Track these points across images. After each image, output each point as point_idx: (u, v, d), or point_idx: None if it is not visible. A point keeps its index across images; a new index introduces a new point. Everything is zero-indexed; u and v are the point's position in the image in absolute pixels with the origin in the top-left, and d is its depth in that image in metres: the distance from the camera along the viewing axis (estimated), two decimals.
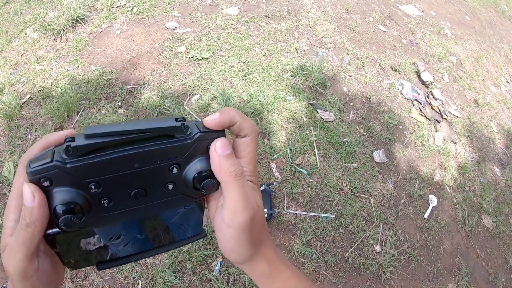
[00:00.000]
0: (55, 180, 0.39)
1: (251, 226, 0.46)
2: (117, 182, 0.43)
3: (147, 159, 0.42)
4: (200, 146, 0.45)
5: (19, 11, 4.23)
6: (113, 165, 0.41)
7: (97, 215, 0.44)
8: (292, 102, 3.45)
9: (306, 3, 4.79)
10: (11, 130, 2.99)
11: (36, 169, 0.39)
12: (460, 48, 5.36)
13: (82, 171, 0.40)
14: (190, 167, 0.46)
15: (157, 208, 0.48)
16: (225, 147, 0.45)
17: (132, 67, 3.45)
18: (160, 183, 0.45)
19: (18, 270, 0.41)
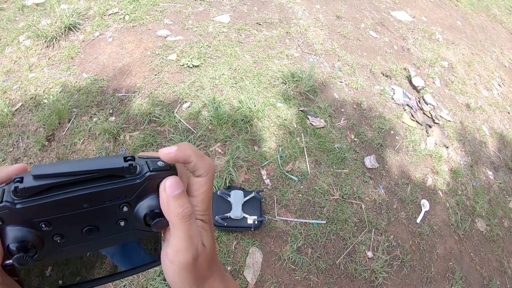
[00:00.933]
0: (6, 220, 0.39)
1: (194, 266, 0.46)
2: (68, 221, 0.42)
3: (96, 199, 0.42)
4: (150, 185, 0.45)
5: (12, 18, 4.24)
6: (62, 205, 0.41)
7: (51, 250, 0.44)
8: (283, 109, 3.46)
9: (297, 10, 4.82)
10: (3, 137, 2.99)
11: None
12: (452, 52, 5.39)
13: (31, 211, 0.40)
14: (141, 205, 0.45)
15: (111, 241, 0.48)
16: (174, 187, 0.44)
17: (123, 74, 3.46)
18: (111, 220, 0.45)
19: None
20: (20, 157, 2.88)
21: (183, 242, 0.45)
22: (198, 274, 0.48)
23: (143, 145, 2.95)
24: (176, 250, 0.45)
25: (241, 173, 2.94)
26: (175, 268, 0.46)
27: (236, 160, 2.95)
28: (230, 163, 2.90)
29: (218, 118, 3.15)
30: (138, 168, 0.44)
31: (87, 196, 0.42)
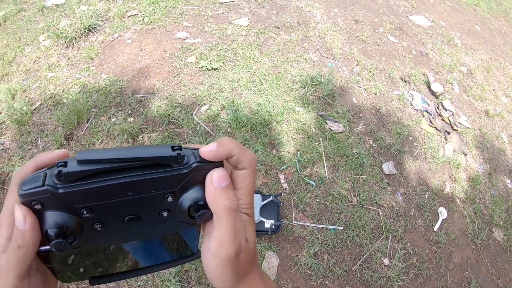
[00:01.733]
0: (47, 204, 0.39)
1: (236, 261, 0.45)
2: (110, 209, 0.42)
3: (141, 188, 0.41)
4: (196, 176, 0.44)
5: (32, 18, 4.30)
6: (105, 192, 0.40)
7: (90, 238, 0.43)
8: (301, 113, 3.45)
9: (315, 14, 4.81)
10: (22, 135, 3.03)
11: (27, 192, 0.38)
12: (470, 58, 5.33)
13: (73, 197, 0.39)
14: (186, 196, 0.44)
15: (151, 233, 0.48)
16: (222, 179, 0.44)
17: (142, 76, 3.48)
18: (154, 210, 0.44)
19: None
20: None
21: (228, 236, 0.44)
22: (239, 269, 0.47)
23: None
24: (219, 243, 0.44)
25: (259, 176, 2.93)
26: (217, 262, 0.45)
27: None
28: None
29: (237, 121, 3.15)
30: (186, 158, 0.43)
31: (132, 184, 0.41)
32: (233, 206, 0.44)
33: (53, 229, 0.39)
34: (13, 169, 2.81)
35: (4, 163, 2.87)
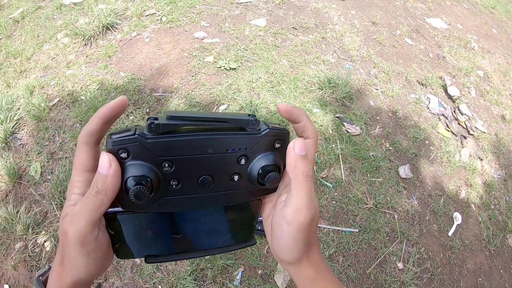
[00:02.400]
0: (133, 153, 0.41)
1: (310, 226, 0.47)
2: (188, 165, 0.44)
3: (220, 146, 0.45)
4: (267, 141, 0.47)
5: (50, 16, 4.34)
6: (189, 146, 0.43)
7: (164, 197, 0.46)
8: (319, 114, 3.44)
9: (333, 16, 4.79)
10: (40, 131, 3.07)
11: (118, 139, 0.41)
12: (487, 62, 5.28)
13: (160, 147, 0.42)
14: (257, 160, 0.47)
15: (220, 200, 0.50)
16: (302, 148, 0.46)
17: (160, 75, 3.50)
18: (227, 172, 0.47)
19: (79, 234, 0.41)
20: (56, 151, 2.94)
21: (305, 201, 0.46)
22: (309, 238, 0.49)
23: None
24: (297, 209, 0.46)
25: None
26: (291, 230, 0.47)
27: None
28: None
29: None
30: (259, 124, 0.47)
31: (214, 140, 0.44)
32: (310, 173, 0.46)
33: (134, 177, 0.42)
34: (30, 164, 2.84)
35: (22, 158, 2.91)
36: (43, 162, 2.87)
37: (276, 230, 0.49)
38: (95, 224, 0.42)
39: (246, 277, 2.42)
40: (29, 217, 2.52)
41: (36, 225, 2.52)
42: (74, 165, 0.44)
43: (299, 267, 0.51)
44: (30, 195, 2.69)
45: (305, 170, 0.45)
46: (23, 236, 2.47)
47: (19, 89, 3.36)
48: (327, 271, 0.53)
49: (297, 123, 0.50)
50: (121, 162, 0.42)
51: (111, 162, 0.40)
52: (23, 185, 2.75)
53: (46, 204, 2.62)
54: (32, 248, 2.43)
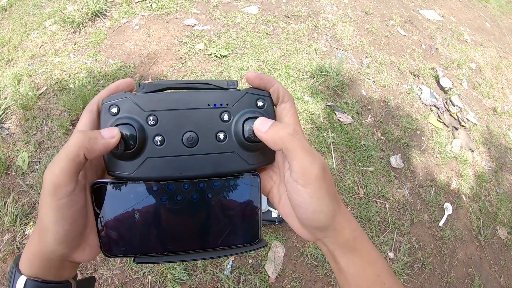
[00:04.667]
0: (122, 108, 0.45)
1: (325, 178, 0.45)
2: (172, 120, 0.46)
3: (201, 101, 0.47)
4: (249, 98, 0.48)
5: (38, 3, 4.27)
6: (172, 100, 0.46)
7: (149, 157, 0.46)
8: (310, 103, 3.42)
9: (326, 4, 4.76)
10: (27, 120, 3.01)
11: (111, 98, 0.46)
12: (480, 54, 5.28)
13: (145, 101, 0.45)
14: (240, 115, 0.48)
15: (209, 164, 0.48)
16: (265, 121, 0.45)
17: (150, 62, 3.45)
18: (211, 129, 0.47)
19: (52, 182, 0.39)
20: (44, 140, 2.90)
21: (307, 157, 0.44)
22: (332, 191, 0.46)
23: None
24: (303, 169, 0.44)
25: None
26: (311, 190, 0.44)
27: None
28: None
29: None
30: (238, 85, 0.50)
31: (195, 96, 0.47)
32: (292, 131, 0.44)
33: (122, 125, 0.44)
34: (18, 154, 2.79)
35: (9, 148, 2.86)
36: (31, 151, 2.82)
37: (296, 199, 0.46)
38: (71, 174, 0.40)
39: (236, 267, 2.40)
40: (17, 208, 2.48)
41: (24, 216, 2.48)
42: (74, 131, 0.44)
43: (336, 230, 0.47)
44: (18, 185, 2.64)
45: (285, 132, 0.44)
46: (11, 227, 2.42)
47: (6, 78, 3.29)
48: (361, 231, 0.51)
49: (269, 88, 0.50)
50: (112, 117, 0.45)
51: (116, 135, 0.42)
52: (11, 175, 2.71)
53: (34, 194, 2.58)
54: (20, 239, 2.39)
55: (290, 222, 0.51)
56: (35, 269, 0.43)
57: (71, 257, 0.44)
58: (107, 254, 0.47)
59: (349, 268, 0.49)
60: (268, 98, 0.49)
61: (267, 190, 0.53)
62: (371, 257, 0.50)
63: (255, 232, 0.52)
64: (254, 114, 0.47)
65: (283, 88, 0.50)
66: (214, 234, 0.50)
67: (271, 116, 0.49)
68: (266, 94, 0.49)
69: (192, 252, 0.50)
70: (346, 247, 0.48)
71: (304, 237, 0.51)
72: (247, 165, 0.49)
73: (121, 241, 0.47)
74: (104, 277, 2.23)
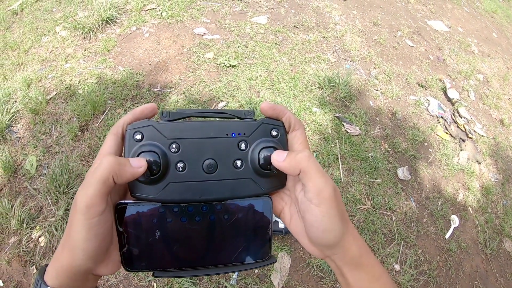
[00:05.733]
0: (146, 135, 0.48)
1: (336, 198, 0.48)
2: (193, 147, 0.49)
3: (221, 130, 0.50)
4: (264, 128, 0.52)
5: (49, 9, 4.31)
6: (193, 129, 0.49)
7: (171, 181, 0.49)
8: (318, 114, 3.43)
9: (334, 15, 4.78)
10: (36, 124, 3.04)
11: (135, 125, 0.49)
12: (487, 65, 5.28)
13: (168, 130, 0.48)
14: (256, 145, 0.51)
15: (226, 189, 0.51)
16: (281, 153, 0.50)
17: (159, 70, 3.48)
18: (229, 157, 0.50)
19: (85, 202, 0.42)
20: (52, 145, 2.92)
21: (321, 178, 0.47)
22: (342, 209, 0.50)
23: None
24: (318, 189, 0.47)
25: None
26: (323, 209, 0.48)
27: None
28: None
29: None
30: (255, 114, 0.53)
31: (215, 126, 0.50)
32: (307, 154, 0.48)
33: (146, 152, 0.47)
34: (26, 158, 2.81)
35: (18, 152, 2.88)
36: (39, 156, 2.84)
37: (309, 218, 0.49)
38: (102, 196, 0.43)
39: (242, 277, 2.40)
40: (23, 211, 2.49)
41: (31, 219, 2.49)
42: (99, 152, 0.50)
43: (344, 247, 0.51)
44: (25, 189, 2.66)
45: (301, 157, 0.48)
46: (17, 230, 2.43)
47: (16, 82, 3.32)
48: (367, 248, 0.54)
49: (282, 117, 0.54)
50: (136, 143, 0.48)
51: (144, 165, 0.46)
52: (19, 179, 2.72)
53: (41, 198, 2.59)
54: (26, 243, 2.40)
55: (300, 239, 0.54)
56: (61, 281, 0.45)
57: (96, 271, 0.47)
58: (128, 269, 0.49)
59: (356, 283, 0.52)
60: (281, 127, 0.53)
61: (278, 210, 0.56)
62: (376, 273, 0.53)
63: (266, 250, 0.55)
64: (269, 144, 0.51)
65: (294, 117, 0.54)
66: (228, 251, 0.53)
67: (284, 144, 0.53)
68: (280, 124, 0.53)
69: (207, 267, 0.53)
70: (353, 264, 0.51)
71: (314, 253, 0.54)
72: (261, 189, 0.52)
73: (141, 257, 0.50)
74: (110, 283, 2.23)
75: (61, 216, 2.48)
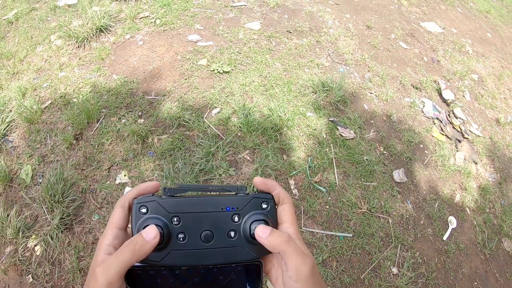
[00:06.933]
0: (151, 209, 0.54)
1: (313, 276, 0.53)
2: (193, 220, 0.55)
3: (217, 205, 0.56)
4: (255, 202, 0.58)
5: (44, 18, 4.32)
6: (192, 205, 0.56)
7: (173, 249, 0.55)
8: (313, 118, 3.43)
9: (327, 19, 4.80)
10: (31, 133, 3.05)
11: (140, 199, 0.55)
12: (482, 65, 5.29)
13: (170, 205, 0.55)
14: (248, 217, 0.57)
15: (222, 256, 0.57)
16: (264, 229, 0.54)
17: (153, 78, 3.48)
18: (224, 228, 0.56)
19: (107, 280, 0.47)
20: (47, 154, 2.92)
21: (299, 257, 0.52)
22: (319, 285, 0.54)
23: (171, 148, 2.95)
24: (296, 267, 0.52)
25: None
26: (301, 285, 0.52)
27: (264, 168, 2.93)
28: (259, 171, 2.88)
29: (248, 125, 3.14)
30: (247, 190, 0.59)
31: (211, 201, 0.56)
32: (286, 237, 0.54)
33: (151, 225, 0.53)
34: (21, 167, 2.83)
35: (13, 161, 2.89)
36: (34, 165, 2.85)
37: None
38: (122, 275, 0.49)
39: None
40: (19, 220, 2.49)
41: (27, 228, 2.49)
42: (109, 222, 0.55)
43: None
44: (21, 198, 2.67)
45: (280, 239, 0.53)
46: (13, 239, 2.44)
47: (11, 91, 3.33)
48: None
49: (272, 191, 0.60)
50: (142, 216, 0.54)
51: (157, 235, 0.51)
52: (14, 188, 2.73)
53: (37, 207, 2.59)
54: (22, 252, 2.40)
55: None
56: None
57: None
58: None
59: None
60: (271, 200, 0.59)
61: (267, 270, 0.61)
62: None
63: None
64: (259, 217, 0.56)
65: (283, 191, 0.60)
66: None
67: (274, 216, 0.59)
68: (269, 197, 0.59)
69: None
70: None
71: None
72: (252, 255, 0.58)
73: None
74: None
75: (57, 225, 2.48)
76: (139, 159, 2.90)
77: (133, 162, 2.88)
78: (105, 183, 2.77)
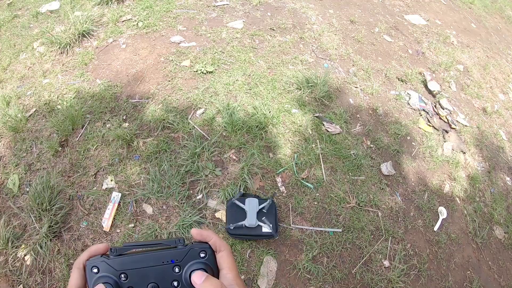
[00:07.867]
0: (101, 268, 0.60)
1: None
2: (138, 275, 0.60)
3: (158, 259, 0.62)
4: (193, 252, 0.63)
5: (26, 25, 4.29)
6: (137, 261, 0.61)
7: None
8: (298, 115, 3.42)
9: (310, 15, 4.79)
10: (17, 142, 3.03)
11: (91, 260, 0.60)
12: (467, 56, 5.31)
13: (117, 264, 0.60)
14: (188, 267, 0.62)
15: None
16: (200, 275, 0.60)
17: (137, 81, 3.46)
18: (167, 280, 0.62)
19: None
20: (34, 162, 2.90)
21: None
22: None
23: (157, 151, 2.94)
24: None
25: (256, 180, 2.91)
26: None
27: (251, 167, 2.92)
28: (245, 170, 2.87)
29: (233, 125, 3.13)
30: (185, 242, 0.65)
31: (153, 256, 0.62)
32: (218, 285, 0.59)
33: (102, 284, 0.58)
34: (8, 177, 2.81)
35: (0, 171, 2.86)
36: (21, 174, 2.83)
37: None
38: None
39: None
40: (8, 230, 2.48)
41: (16, 238, 2.48)
42: (69, 284, 0.60)
43: None
44: (9, 208, 2.65)
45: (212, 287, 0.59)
46: (2, 250, 2.43)
47: None
48: None
49: (209, 241, 0.65)
50: (94, 275, 0.59)
51: None
52: (2, 198, 2.72)
53: (25, 217, 2.58)
54: (12, 262, 2.39)
55: None
56: None
57: None
58: None
59: None
60: (208, 249, 0.65)
61: None
62: None
63: None
64: (199, 266, 0.62)
65: (219, 240, 0.66)
66: None
67: (212, 262, 0.64)
68: (206, 246, 0.65)
69: None
70: None
71: None
72: None
73: None
74: None
75: (45, 234, 2.47)
76: (125, 164, 2.88)
77: (119, 167, 2.87)
78: (92, 189, 2.75)
